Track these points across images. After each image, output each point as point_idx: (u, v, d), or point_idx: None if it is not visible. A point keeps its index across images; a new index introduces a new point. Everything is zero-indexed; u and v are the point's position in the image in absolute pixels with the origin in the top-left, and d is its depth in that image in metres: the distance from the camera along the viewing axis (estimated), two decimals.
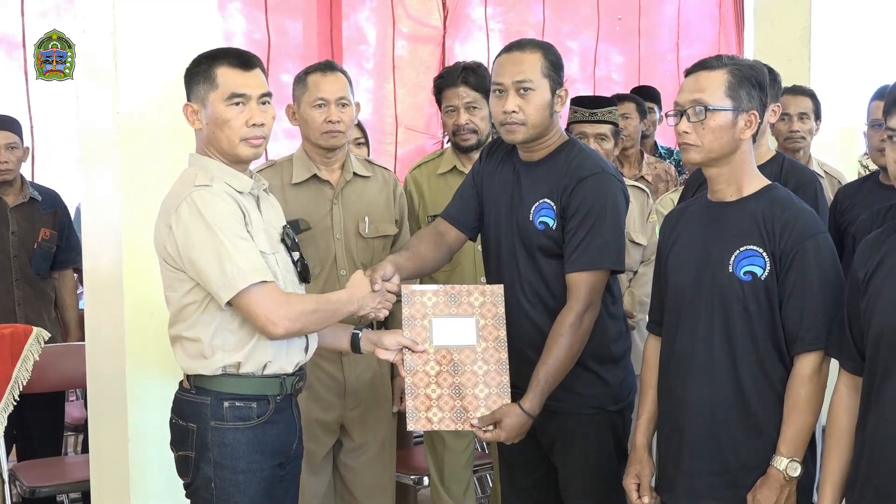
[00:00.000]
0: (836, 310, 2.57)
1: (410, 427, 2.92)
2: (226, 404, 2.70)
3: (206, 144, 2.76)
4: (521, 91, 2.99)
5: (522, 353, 3.00)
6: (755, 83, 2.69)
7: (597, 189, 2.98)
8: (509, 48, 3.08)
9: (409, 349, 2.93)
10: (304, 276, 2.88)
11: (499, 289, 3.03)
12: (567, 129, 4.04)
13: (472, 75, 3.90)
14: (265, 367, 2.74)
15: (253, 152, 2.75)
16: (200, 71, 2.74)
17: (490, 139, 3.90)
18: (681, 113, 2.70)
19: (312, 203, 3.55)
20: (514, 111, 2.99)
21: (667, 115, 2.77)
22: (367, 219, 3.61)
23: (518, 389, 2.95)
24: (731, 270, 2.66)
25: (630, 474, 2.89)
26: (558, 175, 3.02)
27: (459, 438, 4.03)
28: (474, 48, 6.72)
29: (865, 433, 2.40)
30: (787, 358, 2.65)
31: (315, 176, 3.58)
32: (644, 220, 4.13)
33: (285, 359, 2.77)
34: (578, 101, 4.10)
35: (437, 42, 6.42)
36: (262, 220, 2.78)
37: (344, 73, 3.60)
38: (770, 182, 2.78)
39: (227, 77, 2.71)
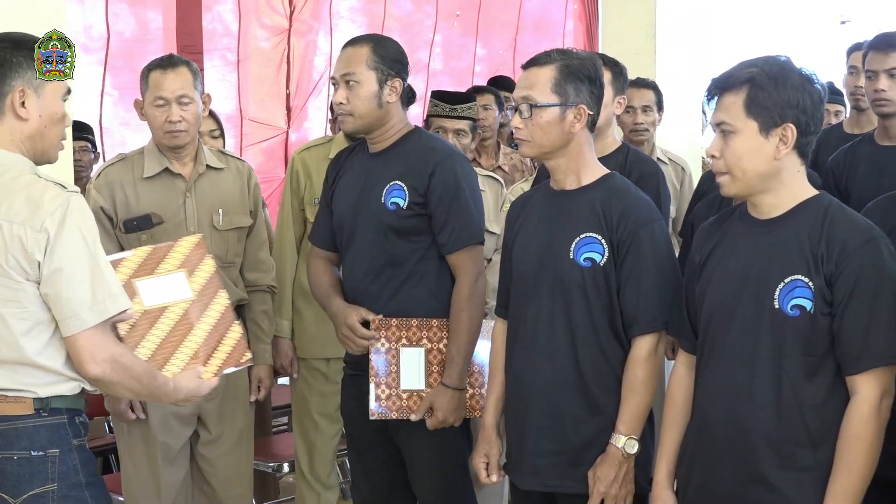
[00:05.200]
0: (671, 294, 2.68)
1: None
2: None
3: None
4: (348, 84, 3.13)
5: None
6: (583, 77, 2.75)
7: (454, 171, 3.15)
8: (346, 44, 3.21)
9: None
10: None
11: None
12: (426, 122, 4.11)
13: None
14: None
15: None
16: None
17: None
18: (515, 108, 2.78)
19: (165, 197, 3.52)
20: (341, 102, 3.14)
21: (508, 111, 2.86)
22: (220, 211, 3.60)
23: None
24: (571, 257, 2.74)
25: (479, 453, 2.95)
26: (408, 159, 3.16)
27: (332, 424, 4.05)
28: (339, 40, 6.72)
29: (694, 409, 2.52)
30: (624, 341, 2.75)
31: (167, 169, 3.54)
32: (498, 209, 4.20)
33: None
34: (438, 96, 4.13)
35: (284, 34, 6.44)
36: None
37: (189, 65, 3.51)
38: (609, 171, 2.86)
39: None
